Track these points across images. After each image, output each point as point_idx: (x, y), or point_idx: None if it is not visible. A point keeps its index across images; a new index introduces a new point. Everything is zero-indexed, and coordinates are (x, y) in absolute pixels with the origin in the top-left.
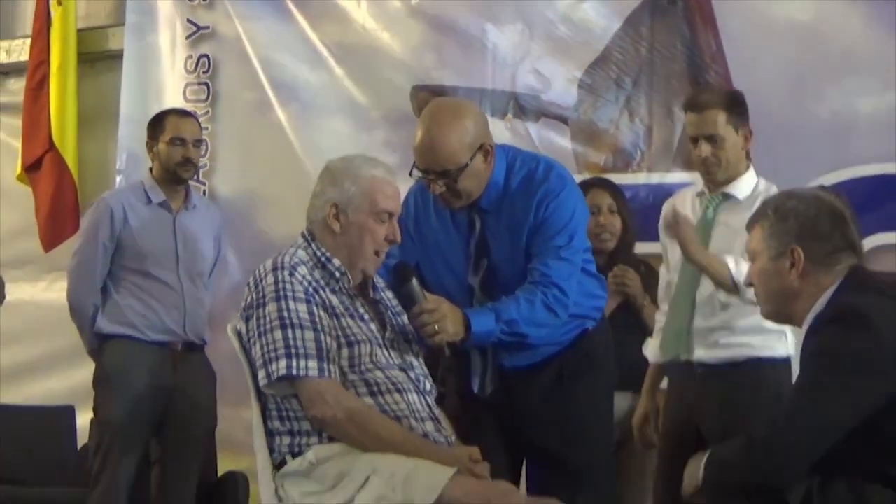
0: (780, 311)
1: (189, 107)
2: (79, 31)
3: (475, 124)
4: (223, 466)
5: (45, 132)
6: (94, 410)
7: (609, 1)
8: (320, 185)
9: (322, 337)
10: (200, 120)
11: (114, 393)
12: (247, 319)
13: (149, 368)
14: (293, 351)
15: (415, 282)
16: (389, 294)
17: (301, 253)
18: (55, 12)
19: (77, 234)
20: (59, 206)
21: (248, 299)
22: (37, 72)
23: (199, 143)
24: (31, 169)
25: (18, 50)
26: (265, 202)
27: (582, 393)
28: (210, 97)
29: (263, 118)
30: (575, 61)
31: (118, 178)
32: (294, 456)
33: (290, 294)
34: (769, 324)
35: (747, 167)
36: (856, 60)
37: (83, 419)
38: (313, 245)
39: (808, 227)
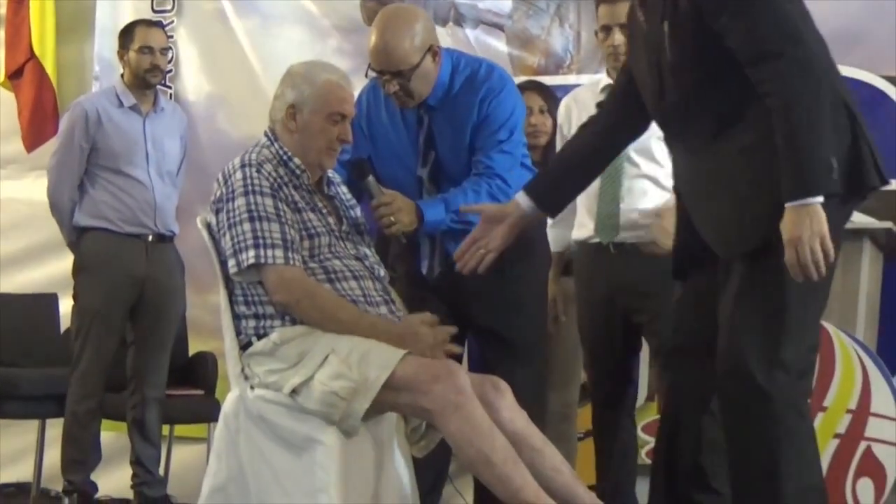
0: None
1: (156, 17)
2: None
3: (424, 28)
4: (193, 347)
5: (26, 42)
6: (74, 297)
7: None
8: (281, 88)
9: (286, 228)
10: (166, 29)
11: (91, 281)
12: (216, 212)
13: (123, 258)
14: (261, 241)
15: (371, 178)
16: (344, 189)
17: (266, 151)
18: None
19: (56, 136)
20: (40, 110)
21: (218, 193)
22: None
23: (165, 51)
24: (14, 76)
25: None
26: (226, 105)
27: (520, 274)
28: (175, 8)
29: (224, 27)
30: None
31: (95, 84)
32: (259, 338)
33: (257, 189)
34: None
35: None
36: None
37: (65, 306)
38: (276, 144)
39: None
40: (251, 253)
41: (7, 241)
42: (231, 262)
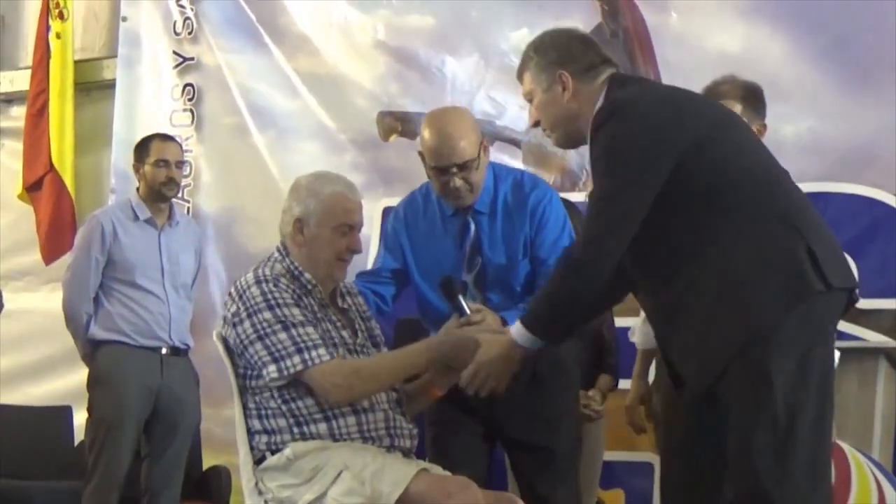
0: (569, 133)
1: (175, 131)
2: (76, 62)
3: (475, 123)
4: (207, 461)
5: (45, 155)
6: (89, 410)
7: None
8: (287, 202)
9: (318, 328)
10: (185, 143)
11: (106, 393)
12: (234, 325)
13: (138, 370)
14: (302, 346)
15: (461, 296)
16: (360, 300)
17: (278, 266)
18: (54, 45)
19: (71, 249)
20: (59, 222)
21: (233, 308)
22: (37, 99)
23: (181, 164)
24: (33, 188)
25: (20, 79)
26: (244, 218)
27: (553, 391)
28: (195, 122)
29: (243, 141)
30: None
31: (111, 196)
32: (272, 452)
33: (280, 301)
34: None
35: None
36: (779, 88)
37: (79, 418)
38: (287, 259)
39: (565, 52)
40: (296, 359)
41: (23, 352)
42: (271, 369)
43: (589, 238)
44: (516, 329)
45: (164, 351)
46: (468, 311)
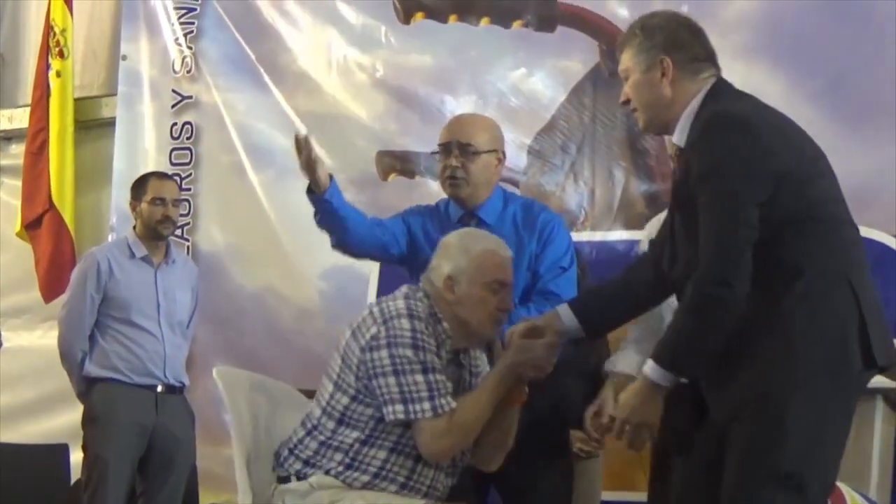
0: (657, 119)
1: (174, 170)
2: (75, 100)
3: (497, 131)
4: (204, 500)
5: (45, 192)
6: (84, 448)
7: (555, 74)
8: (437, 260)
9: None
10: (184, 182)
11: (101, 431)
12: (369, 350)
13: (133, 408)
14: (434, 393)
15: None
16: (478, 359)
17: (421, 304)
18: (54, 83)
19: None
20: (58, 260)
21: (374, 331)
22: (37, 137)
23: (177, 202)
24: (32, 226)
25: (20, 117)
26: (243, 257)
27: (552, 431)
28: (193, 161)
29: (241, 180)
30: (524, 129)
31: (110, 234)
32: (298, 479)
33: (426, 345)
34: None
35: None
36: None
37: (76, 457)
38: (430, 301)
39: (672, 38)
40: (427, 405)
41: (20, 390)
42: (398, 408)
43: (717, 269)
44: (653, 369)
45: (159, 389)
46: None
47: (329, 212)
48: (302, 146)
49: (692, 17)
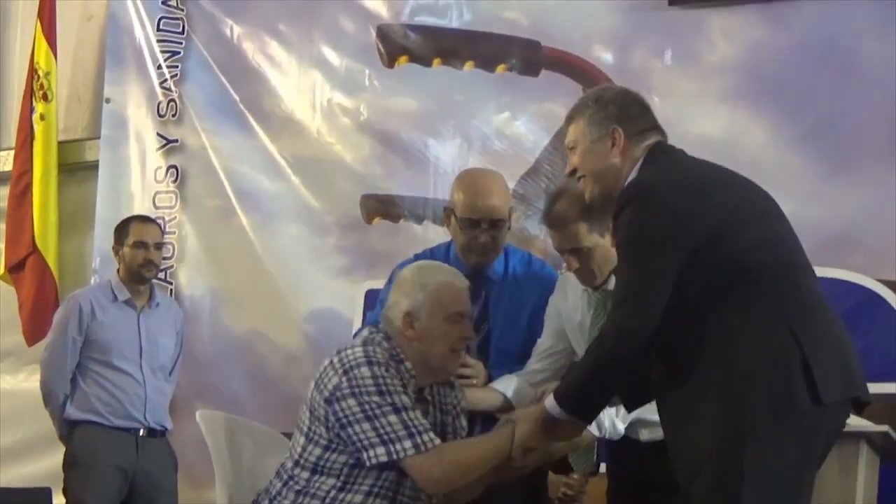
0: (605, 188)
1: (158, 213)
2: (59, 143)
3: (508, 189)
4: None
5: (28, 236)
6: (64, 492)
7: (539, 118)
8: (394, 296)
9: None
10: (169, 225)
11: (82, 475)
12: (335, 400)
13: (113, 452)
14: (413, 430)
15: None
16: (446, 396)
17: (381, 348)
18: (38, 126)
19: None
20: (42, 303)
21: (335, 381)
22: (20, 180)
23: (160, 246)
24: (15, 269)
25: (3, 160)
26: (229, 300)
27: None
28: (178, 204)
29: (227, 223)
30: (508, 172)
31: (93, 277)
32: None
33: (391, 389)
34: None
35: None
36: (760, 172)
37: (59, 500)
38: (389, 343)
39: (624, 110)
40: (408, 443)
41: (2, 434)
42: (379, 451)
43: (620, 331)
44: (549, 402)
45: (140, 432)
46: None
47: None
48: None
49: (676, 61)
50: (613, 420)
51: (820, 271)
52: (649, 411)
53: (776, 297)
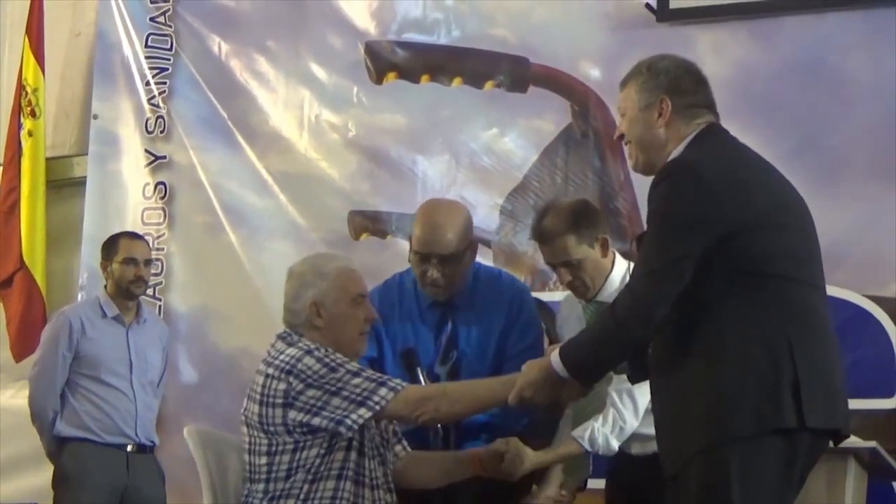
0: (648, 159)
1: (146, 229)
2: (47, 159)
3: (469, 222)
4: None
5: (16, 252)
6: None
7: (528, 134)
8: (292, 289)
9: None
10: (157, 241)
11: (72, 492)
12: (294, 400)
13: (103, 469)
14: (381, 380)
15: (419, 369)
16: None
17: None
18: (25, 143)
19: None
20: (29, 319)
21: (285, 386)
22: (8, 197)
23: (149, 262)
24: (2, 286)
25: None
26: (216, 316)
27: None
28: (166, 220)
29: (215, 240)
30: (497, 189)
31: (80, 294)
32: None
33: (339, 361)
34: None
35: (613, 262)
36: None
37: None
38: (302, 341)
39: (675, 82)
40: (383, 391)
41: None
42: (361, 412)
43: (638, 304)
44: (554, 358)
45: (129, 448)
46: (423, 384)
47: None
48: None
49: None
50: (607, 437)
51: None
52: (644, 426)
53: (779, 309)
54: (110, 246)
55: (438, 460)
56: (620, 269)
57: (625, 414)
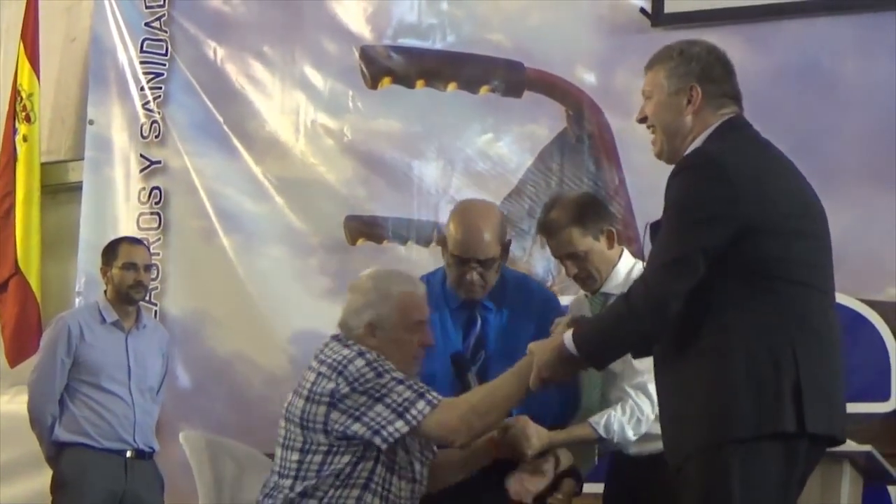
0: (672, 145)
1: (141, 234)
2: (42, 164)
3: (504, 222)
4: None
5: (11, 257)
6: None
7: (522, 139)
8: (354, 303)
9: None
10: (152, 246)
11: (70, 497)
12: (338, 401)
13: (102, 475)
14: (421, 391)
15: (470, 374)
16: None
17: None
18: (20, 148)
19: (37, 351)
20: (24, 324)
21: (332, 386)
22: (3, 202)
23: (149, 267)
24: None
25: None
26: (212, 321)
27: None
28: (161, 225)
29: (210, 245)
30: (492, 194)
31: (77, 300)
32: None
33: (387, 367)
34: None
35: (620, 256)
36: None
37: None
38: (356, 345)
39: (707, 70)
40: (421, 404)
41: None
42: (398, 425)
43: (654, 296)
44: (568, 339)
45: (128, 454)
46: (474, 387)
47: None
48: None
49: None
50: (623, 425)
51: None
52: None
53: (786, 313)
54: (110, 251)
55: (456, 453)
56: (627, 263)
57: (643, 406)
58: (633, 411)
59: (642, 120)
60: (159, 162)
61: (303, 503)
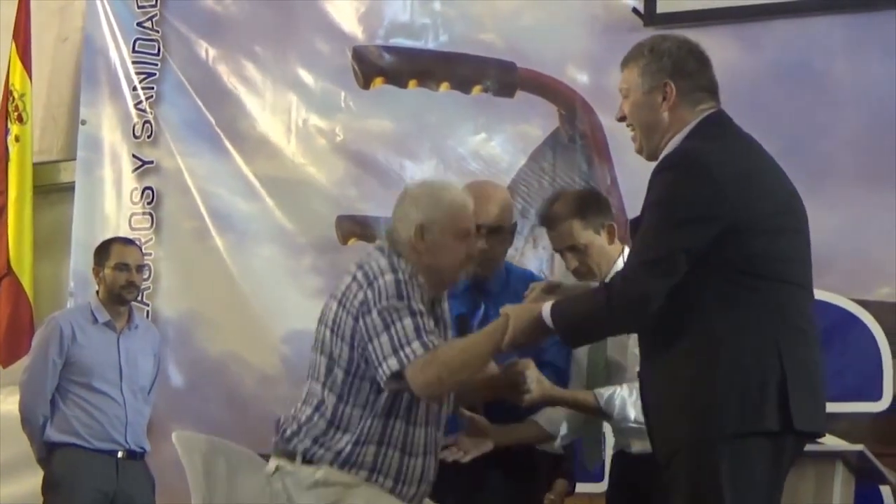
0: (651, 143)
1: (134, 234)
2: (34, 164)
3: (511, 202)
4: None
5: (3, 258)
6: None
7: (515, 138)
8: (403, 210)
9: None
10: (144, 246)
11: (61, 497)
12: (361, 316)
13: (93, 475)
14: (422, 332)
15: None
16: (446, 306)
17: (403, 263)
18: (12, 148)
19: (29, 351)
20: (17, 325)
21: (361, 297)
22: None
23: (141, 268)
24: None
25: None
26: (204, 321)
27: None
28: (154, 225)
29: (202, 245)
30: None
31: (69, 300)
32: (305, 459)
33: (411, 293)
34: None
35: (620, 252)
36: None
37: None
38: (401, 261)
39: (680, 65)
40: (416, 344)
41: None
42: (391, 363)
43: (636, 292)
44: (546, 312)
45: (119, 455)
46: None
47: None
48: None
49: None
50: (625, 401)
51: None
52: None
53: (770, 310)
54: (102, 251)
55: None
56: None
57: None
58: (638, 393)
59: (622, 119)
60: (151, 162)
61: (336, 436)
